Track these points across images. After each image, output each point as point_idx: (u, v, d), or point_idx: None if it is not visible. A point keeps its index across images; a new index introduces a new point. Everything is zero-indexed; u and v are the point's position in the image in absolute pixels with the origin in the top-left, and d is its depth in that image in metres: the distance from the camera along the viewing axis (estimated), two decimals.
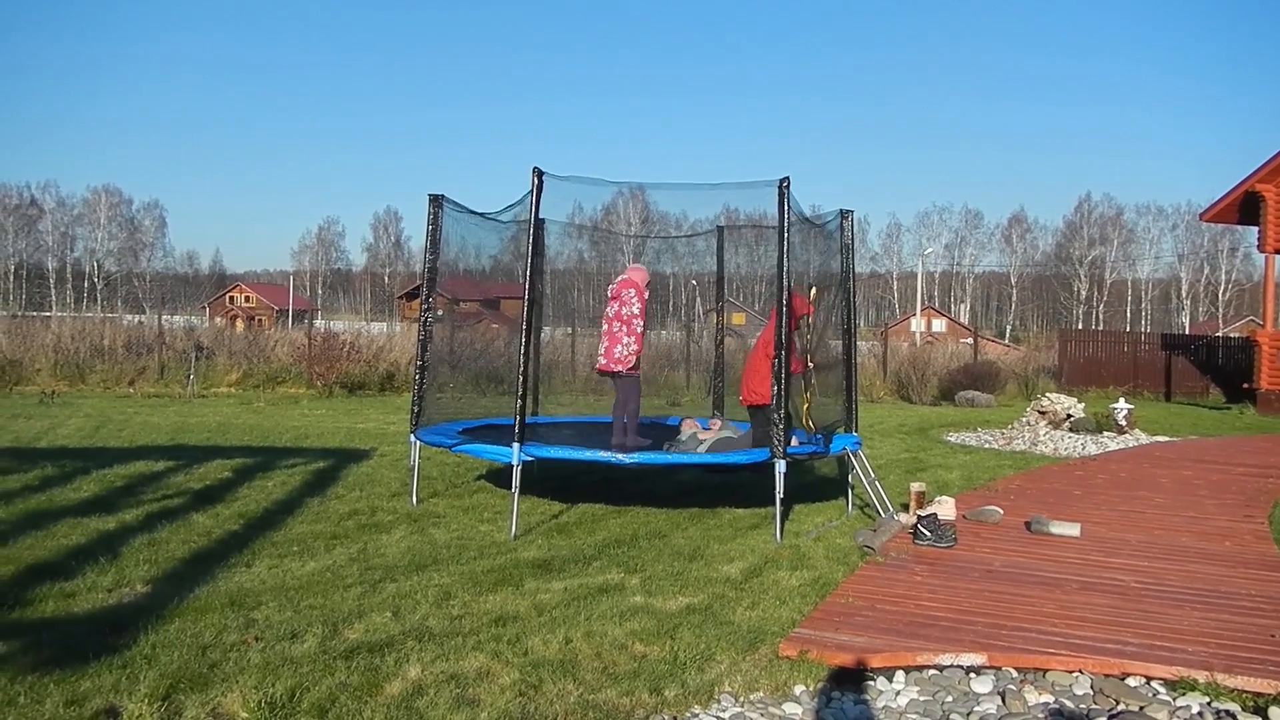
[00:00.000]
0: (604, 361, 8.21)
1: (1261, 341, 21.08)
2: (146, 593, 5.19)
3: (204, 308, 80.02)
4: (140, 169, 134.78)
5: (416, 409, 8.12)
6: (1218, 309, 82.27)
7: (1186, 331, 66.53)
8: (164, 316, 26.27)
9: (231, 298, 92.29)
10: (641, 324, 8.14)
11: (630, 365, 8.10)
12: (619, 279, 8.34)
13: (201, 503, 7.64)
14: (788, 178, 6.95)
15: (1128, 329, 70.49)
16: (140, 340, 23.71)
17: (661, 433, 8.88)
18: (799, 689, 4.10)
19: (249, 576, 5.56)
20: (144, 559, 5.84)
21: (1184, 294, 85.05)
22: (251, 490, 8.30)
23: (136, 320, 29.56)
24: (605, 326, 8.28)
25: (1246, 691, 4.11)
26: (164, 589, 5.22)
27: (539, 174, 7.11)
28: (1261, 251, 22.08)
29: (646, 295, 8.34)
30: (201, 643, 4.36)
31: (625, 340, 8.07)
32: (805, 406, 7.83)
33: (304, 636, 4.50)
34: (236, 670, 4.03)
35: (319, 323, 48.81)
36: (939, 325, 74.01)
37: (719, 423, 8.95)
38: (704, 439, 8.45)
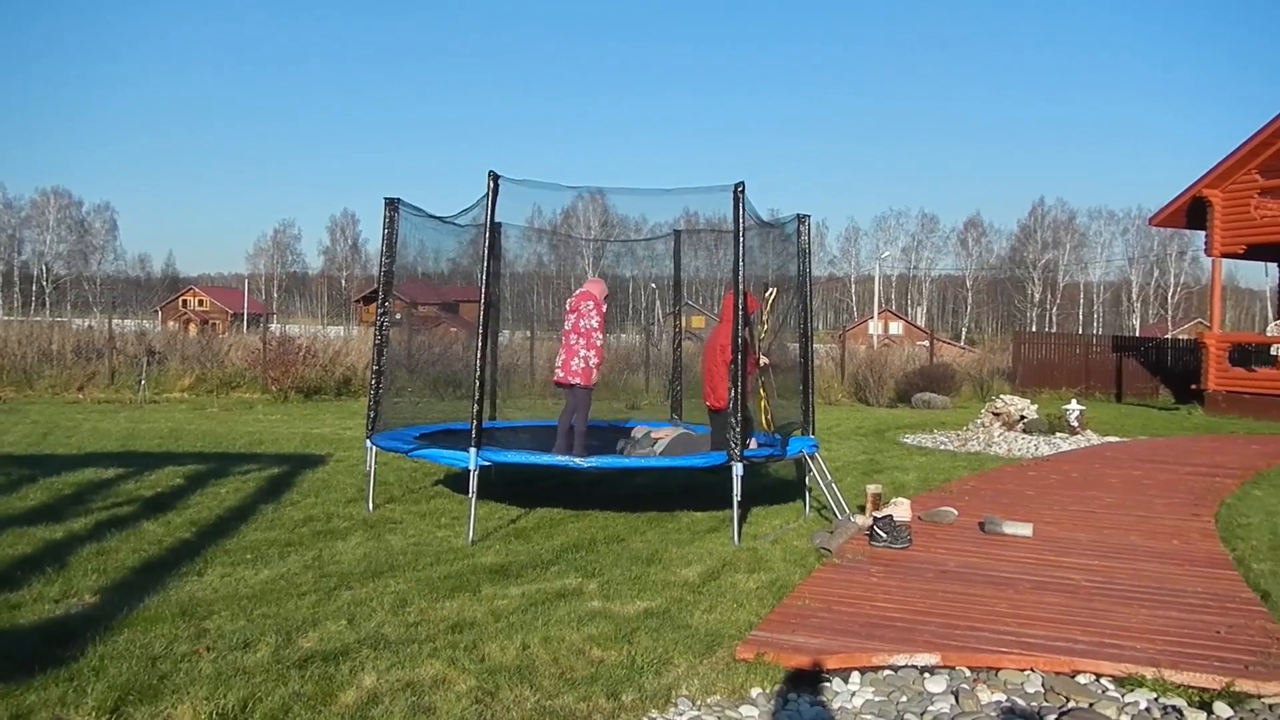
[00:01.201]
0: (561, 374, 8.20)
1: (1209, 343, 21.50)
2: (95, 603, 5.10)
3: (156, 311, 78.75)
4: (91, 170, 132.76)
5: (373, 414, 8.06)
6: (1167, 311, 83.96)
7: (1137, 334, 67.81)
8: (115, 320, 25.74)
9: (184, 301, 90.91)
10: (600, 337, 8.15)
11: (588, 379, 8.09)
12: (577, 292, 8.33)
13: (152, 510, 7.51)
14: (742, 183, 7.00)
15: (1080, 331, 71.68)
16: (90, 345, 23.26)
17: (618, 437, 8.89)
18: (755, 691, 4.13)
19: (201, 585, 5.48)
20: (93, 568, 5.73)
21: (1134, 297, 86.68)
22: (204, 497, 8.18)
23: (86, 324, 28.98)
24: (563, 339, 8.28)
25: (1193, 687, 4.19)
26: (113, 599, 5.13)
27: (494, 178, 7.09)
28: (1209, 255, 22.50)
29: (605, 308, 8.36)
30: (151, 653, 4.29)
31: (583, 353, 8.07)
32: (762, 403, 7.88)
33: (257, 646, 4.45)
34: (187, 681, 3.97)
35: (274, 326, 48.03)
36: (896, 328, 74.70)
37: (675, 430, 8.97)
38: (659, 437, 8.47)
